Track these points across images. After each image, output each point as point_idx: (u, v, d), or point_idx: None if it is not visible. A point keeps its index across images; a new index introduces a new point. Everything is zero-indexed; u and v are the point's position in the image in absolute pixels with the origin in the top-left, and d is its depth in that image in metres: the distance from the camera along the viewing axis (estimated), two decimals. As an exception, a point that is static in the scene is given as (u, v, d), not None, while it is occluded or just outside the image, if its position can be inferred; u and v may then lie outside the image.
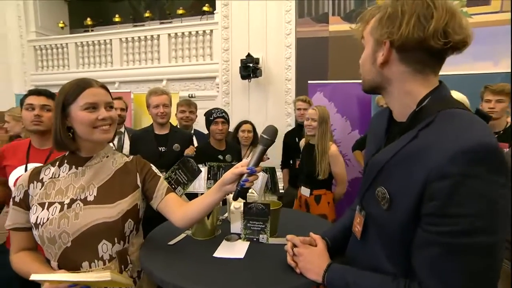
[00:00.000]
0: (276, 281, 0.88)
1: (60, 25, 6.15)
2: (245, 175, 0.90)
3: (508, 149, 2.06)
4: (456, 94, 1.88)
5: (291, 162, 3.01)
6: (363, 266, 0.76)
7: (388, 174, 0.68)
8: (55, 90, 1.20)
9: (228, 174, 0.93)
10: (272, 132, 0.92)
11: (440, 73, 0.72)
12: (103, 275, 0.75)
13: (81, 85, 0.97)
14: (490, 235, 0.56)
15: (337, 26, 4.34)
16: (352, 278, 0.76)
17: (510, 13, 3.69)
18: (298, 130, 2.92)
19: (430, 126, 0.64)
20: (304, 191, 2.31)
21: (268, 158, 2.78)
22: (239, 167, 0.92)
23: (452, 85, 0.75)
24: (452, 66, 3.52)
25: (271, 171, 1.34)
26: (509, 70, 2.99)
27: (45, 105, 1.51)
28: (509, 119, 2.34)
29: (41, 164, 1.09)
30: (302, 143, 2.49)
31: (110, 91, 1.05)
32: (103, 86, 1.02)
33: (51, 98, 1.54)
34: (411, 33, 0.64)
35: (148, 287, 1.09)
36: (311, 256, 0.88)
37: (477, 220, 0.55)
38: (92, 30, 6.15)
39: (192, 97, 4.95)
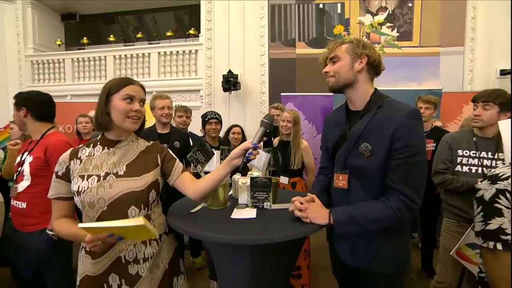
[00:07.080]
0: (287, 228, 0.94)
1: (58, 42, 5.79)
2: (250, 149, 0.97)
3: (433, 144, 2.34)
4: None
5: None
6: None
7: (366, 136, 0.94)
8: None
9: (237, 150, 0.99)
10: (270, 118, 1.05)
11: (385, 88, 1.01)
12: (137, 220, 0.76)
13: (125, 80, 1.00)
14: (425, 155, 0.90)
15: (302, 49, 4.53)
16: (352, 210, 0.89)
17: (429, 47, 4.17)
18: (273, 131, 3.01)
19: (382, 107, 0.95)
20: (283, 179, 2.38)
21: (266, 138, 2.85)
22: (245, 144, 0.98)
23: (394, 97, 1.00)
24: (391, 83, 3.97)
25: (274, 151, 1.41)
26: (427, 88, 3.38)
27: None
28: (436, 123, 2.65)
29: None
30: (275, 141, 2.56)
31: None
32: (142, 86, 1.05)
33: None
34: (377, 57, 0.99)
35: (167, 248, 1.08)
36: (316, 207, 0.97)
37: (422, 146, 0.89)
38: (86, 48, 5.85)
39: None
